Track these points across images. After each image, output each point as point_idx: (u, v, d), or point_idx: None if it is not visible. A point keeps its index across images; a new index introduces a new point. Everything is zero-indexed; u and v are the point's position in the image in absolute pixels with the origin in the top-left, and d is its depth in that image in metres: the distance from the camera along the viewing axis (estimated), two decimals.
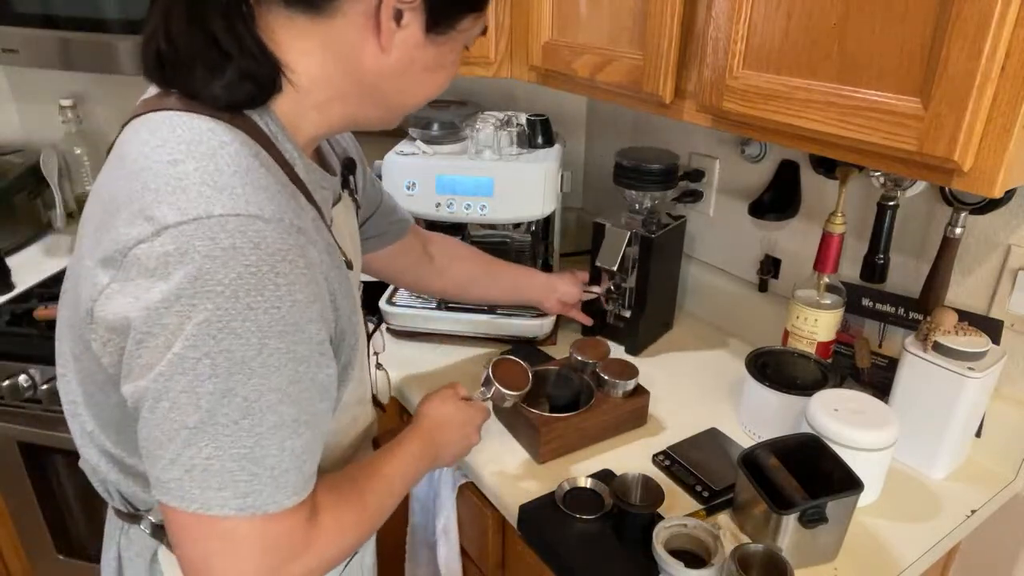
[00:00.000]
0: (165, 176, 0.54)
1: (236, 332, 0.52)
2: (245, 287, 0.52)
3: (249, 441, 0.55)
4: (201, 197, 0.53)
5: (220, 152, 0.56)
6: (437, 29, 0.64)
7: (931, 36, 0.65)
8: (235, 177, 0.55)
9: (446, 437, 0.87)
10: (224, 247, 0.52)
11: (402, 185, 1.24)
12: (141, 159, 0.56)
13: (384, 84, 0.65)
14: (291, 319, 0.55)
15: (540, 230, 1.41)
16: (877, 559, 0.89)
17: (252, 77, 0.59)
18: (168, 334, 0.52)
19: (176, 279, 0.52)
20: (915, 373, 0.98)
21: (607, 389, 1.08)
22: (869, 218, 1.07)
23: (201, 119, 0.58)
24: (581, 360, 1.12)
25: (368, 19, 0.60)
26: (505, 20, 1.21)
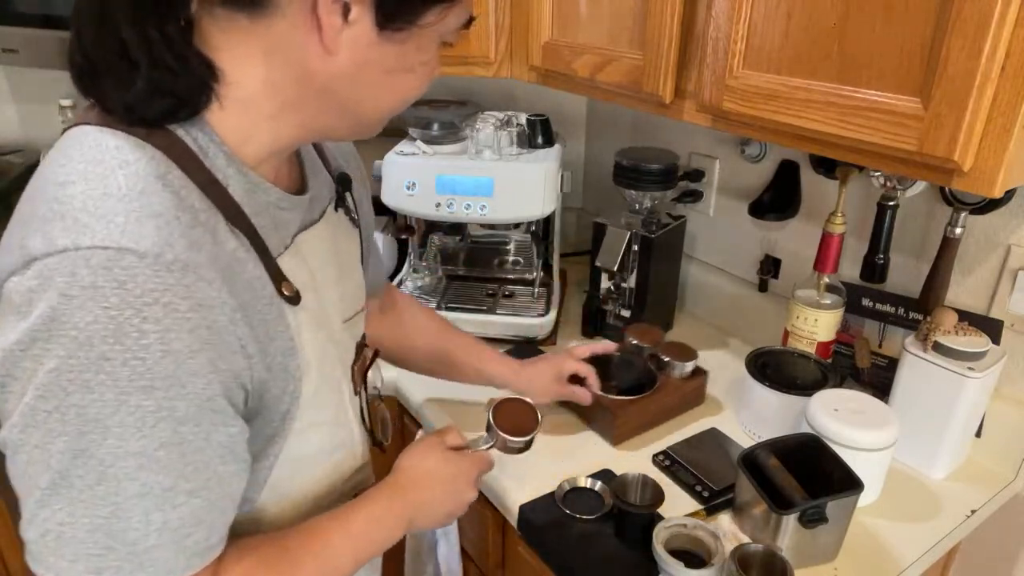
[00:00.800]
0: (50, 200, 0.49)
1: (88, 385, 0.46)
2: (101, 333, 0.46)
3: (104, 511, 0.49)
4: (75, 225, 0.47)
5: (116, 173, 0.50)
6: (392, 25, 0.56)
7: (931, 36, 0.65)
8: (121, 203, 0.49)
9: (424, 496, 0.76)
10: (83, 285, 0.46)
11: (402, 185, 1.24)
12: (40, 179, 0.52)
13: (338, 89, 0.58)
14: (161, 373, 0.48)
15: (540, 230, 1.41)
16: (877, 559, 0.89)
17: (168, 90, 0.53)
18: (24, 380, 0.47)
19: (32, 319, 0.46)
20: (915, 373, 0.98)
21: (668, 371, 1.14)
22: (869, 218, 1.07)
23: (112, 135, 0.52)
24: (637, 344, 1.17)
25: (309, 16, 0.53)
26: (505, 20, 1.21)
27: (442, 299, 1.40)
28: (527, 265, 1.47)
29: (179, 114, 0.54)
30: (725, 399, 1.20)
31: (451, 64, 1.25)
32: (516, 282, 1.46)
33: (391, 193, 1.25)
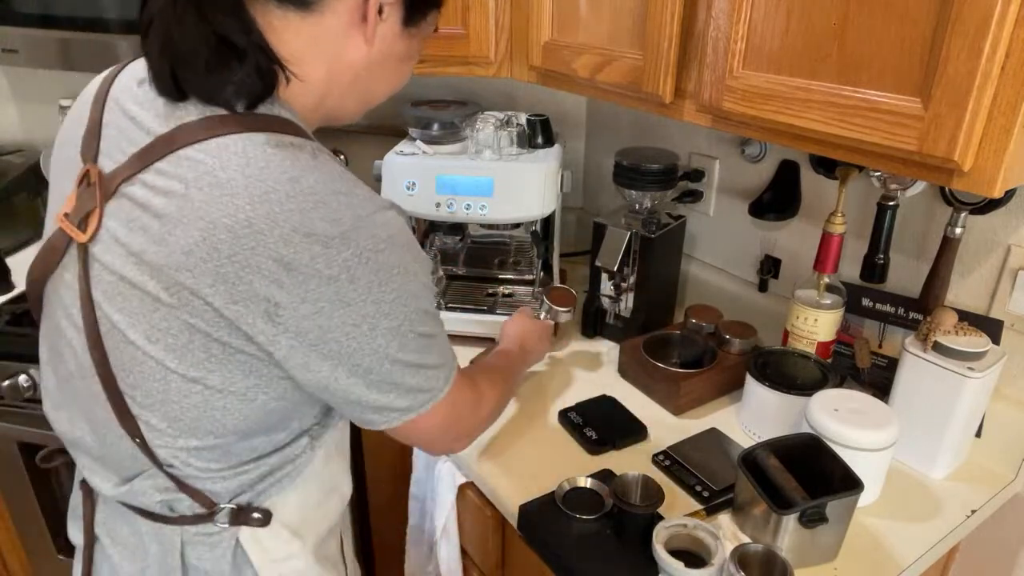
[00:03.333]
0: (295, 193, 0.59)
1: (415, 293, 0.64)
2: (410, 267, 0.64)
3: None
4: (341, 205, 0.60)
5: (316, 160, 0.62)
6: (412, 21, 0.70)
7: (931, 36, 0.65)
8: (344, 182, 0.62)
9: (530, 343, 1.09)
10: (383, 237, 0.61)
11: (402, 185, 1.24)
12: (255, 182, 0.59)
13: (365, 76, 0.70)
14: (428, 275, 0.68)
15: (540, 230, 1.41)
16: (877, 559, 0.89)
17: (261, 73, 0.62)
18: (372, 314, 0.62)
19: (362, 283, 0.60)
20: (915, 373, 0.98)
21: (728, 347, 1.21)
22: (869, 218, 1.07)
23: (272, 135, 0.61)
24: (697, 323, 1.25)
25: (355, 14, 0.65)
26: (505, 20, 1.21)
27: (442, 299, 1.40)
28: (527, 265, 1.47)
29: (264, 96, 0.63)
30: (726, 399, 1.20)
31: (451, 64, 1.25)
32: (516, 282, 1.46)
33: (391, 193, 1.25)
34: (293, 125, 0.64)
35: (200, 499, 0.71)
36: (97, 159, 0.66)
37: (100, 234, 0.64)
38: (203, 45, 0.60)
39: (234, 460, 0.70)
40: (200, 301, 0.60)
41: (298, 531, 0.77)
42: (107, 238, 0.63)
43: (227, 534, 0.73)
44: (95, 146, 0.66)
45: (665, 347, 1.24)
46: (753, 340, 1.21)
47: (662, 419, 1.14)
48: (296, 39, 0.64)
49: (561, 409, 1.14)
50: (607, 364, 1.29)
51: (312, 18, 0.64)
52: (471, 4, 1.18)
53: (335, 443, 0.79)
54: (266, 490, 0.73)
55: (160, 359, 0.63)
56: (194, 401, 0.65)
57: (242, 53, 0.61)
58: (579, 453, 1.06)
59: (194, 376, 0.63)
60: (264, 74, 0.62)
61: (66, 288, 0.68)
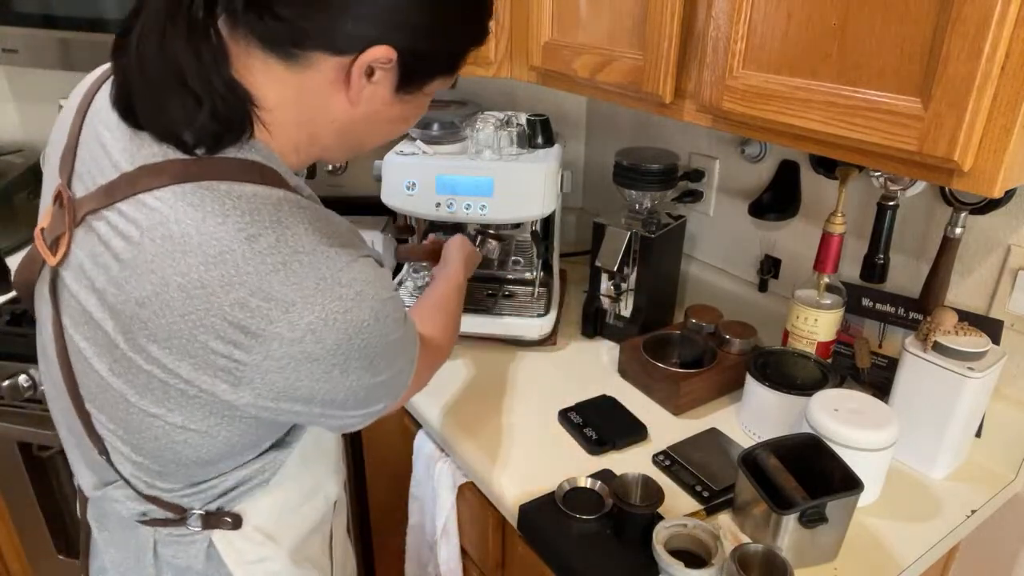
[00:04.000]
0: (252, 254, 0.56)
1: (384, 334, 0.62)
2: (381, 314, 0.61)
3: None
4: (303, 266, 0.57)
5: (280, 214, 0.59)
6: (407, 89, 0.66)
7: (931, 36, 0.65)
8: (312, 235, 0.59)
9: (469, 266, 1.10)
10: (351, 297, 0.58)
11: (402, 185, 1.24)
12: (209, 240, 0.56)
13: (350, 132, 0.68)
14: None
15: (540, 230, 1.40)
16: (877, 559, 0.89)
17: (220, 118, 0.59)
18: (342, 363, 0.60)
19: (330, 342, 0.58)
20: (915, 373, 0.98)
21: (728, 347, 1.20)
22: (869, 218, 1.07)
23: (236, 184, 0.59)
24: (697, 323, 1.24)
25: (340, 73, 0.61)
26: (505, 20, 1.21)
27: None
28: (527, 265, 1.47)
29: (227, 140, 0.60)
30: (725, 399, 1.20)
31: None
32: (516, 282, 1.45)
33: (391, 193, 1.25)
34: (267, 170, 0.61)
35: (170, 508, 0.71)
36: (71, 180, 0.64)
37: (69, 260, 0.63)
38: (161, 78, 0.57)
39: (197, 480, 0.70)
40: (155, 350, 0.59)
41: (272, 534, 0.76)
42: (75, 265, 0.62)
43: (200, 536, 0.73)
44: (71, 165, 0.65)
45: (665, 347, 1.24)
46: (753, 340, 1.21)
47: (662, 419, 1.14)
48: (278, 88, 0.62)
49: (561, 409, 1.14)
50: (607, 364, 1.29)
51: (296, 71, 0.61)
52: None
53: (314, 445, 0.78)
54: (236, 497, 0.73)
55: (122, 392, 0.63)
56: (156, 434, 0.64)
57: (197, 96, 0.57)
58: (579, 453, 1.06)
59: (155, 412, 0.63)
60: (225, 119, 0.59)
61: (43, 301, 0.68)
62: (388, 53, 0.60)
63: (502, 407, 1.16)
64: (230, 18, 0.59)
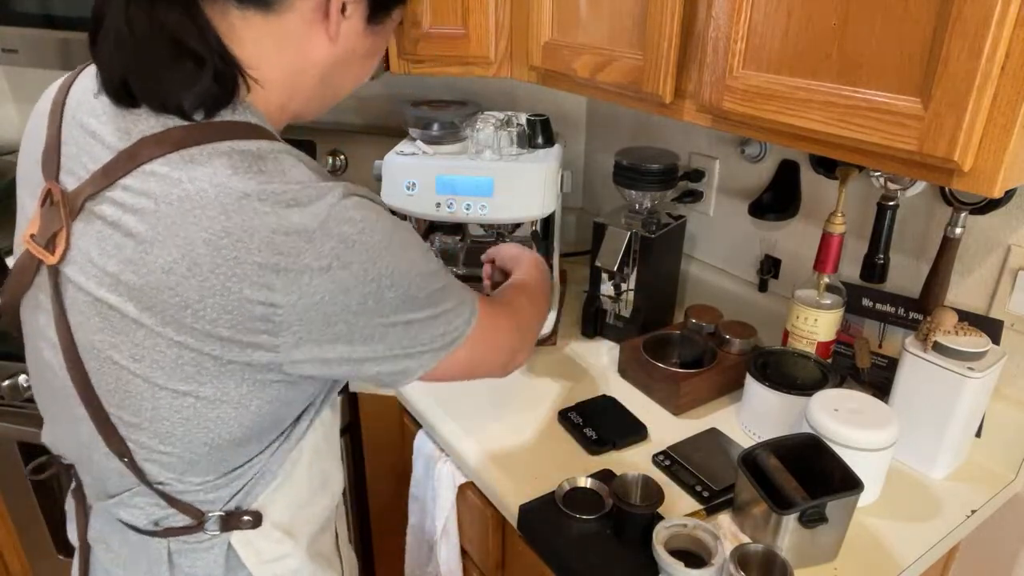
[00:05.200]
0: (267, 196, 0.58)
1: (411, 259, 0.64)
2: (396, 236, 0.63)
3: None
4: (313, 200, 0.59)
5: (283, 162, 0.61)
6: (376, 18, 0.70)
7: (931, 36, 0.65)
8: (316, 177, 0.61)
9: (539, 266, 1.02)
10: (359, 219, 0.60)
11: (402, 185, 1.23)
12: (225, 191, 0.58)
13: (330, 74, 0.70)
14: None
15: (540, 230, 1.40)
16: (877, 559, 0.89)
17: (220, 79, 0.61)
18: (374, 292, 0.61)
19: (356, 267, 0.60)
20: (915, 373, 0.98)
21: (728, 347, 1.20)
22: (869, 218, 1.07)
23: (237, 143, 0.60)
24: (697, 323, 1.25)
25: (317, 12, 0.65)
26: (505, 20, 1.21)
27: None
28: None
29: (223, 103, 0.62)
30: (725, 399, 1.20)
31: (451, 64, 1.25)
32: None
33: (391, 193, 1.25)
34: (258, 129, 0.63)
35: (189, 512, 0.70)
36: (59, 177, 0.64)
37: (71, 255, 0.62)
38: (156, 50, 0.58)
39: (228, 467, 0.69)
40: (188, 318, 0.59)
41: (290, 530, 0.77)
42: (80, 259, 0.62)
43: (218, 540, 0.73)
44: (56, 163, 0.64)
45: (665, 347, 1.24)
46: (753, 340, 1.21)
47: (662, 419, 1.14)
48: (258, 40, 0.63)
49: (561, 409, 1.14)
50: (607, 364, 1.29)
51: (274, 18, 0.63)
52: (471, 4, 1.18)
53: (324, 438, 0.79)
54: (254, 491, 0.72)
55: (148, 376, 0.62)
56: (186, 415, 0.63)
57: (200, 59, 0.59)
58: (579, 453, 1.06)
59: (185, 390, 0.62)
60: (223, 80, 0.61)
61: (41, 310, 0.66)
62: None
63: (502, 407, 1.16)
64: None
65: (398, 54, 1.26)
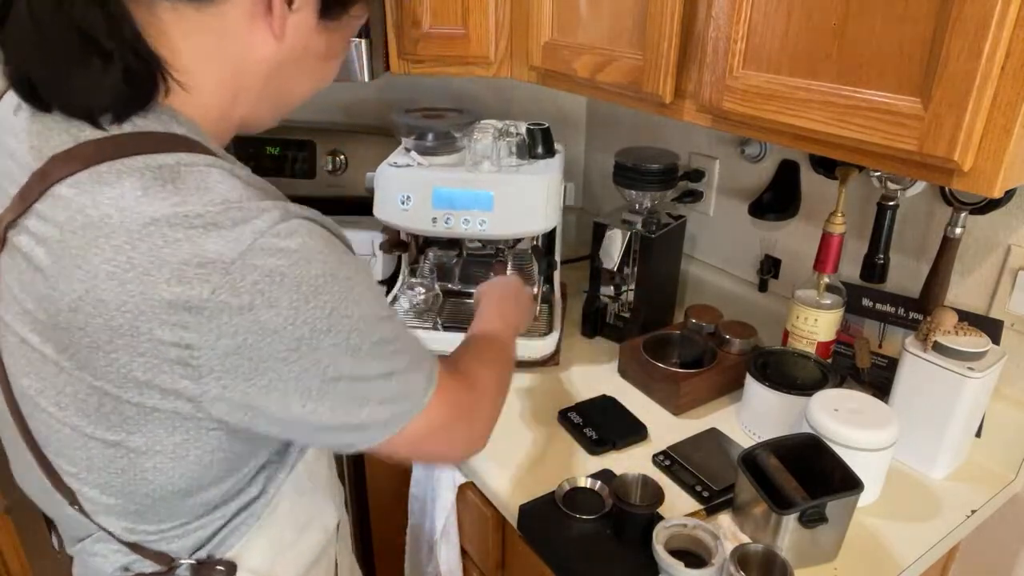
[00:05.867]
0: (179, 220, 0.50)
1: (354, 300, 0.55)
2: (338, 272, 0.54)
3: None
4: (237, 224, 0.50)
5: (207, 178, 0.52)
6: (330, 14, 0.61)
7: (931, 36, 0.65)
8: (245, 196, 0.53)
9: (512, 315, 0.94)
10: (295, 249, 0.52)
11: (396, 199, 1.16)
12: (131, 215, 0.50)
13: (279, 75, 0.62)
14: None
15: (542, 244, 1.34)
16: (877, 559, 0.89)
17: (132, 78, 0.52)
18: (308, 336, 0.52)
19: (284, 305, 0.51)
20: (915, 373, 0.98)
21: (728, 347, 1.21)
22: (869, 218, 1.07)
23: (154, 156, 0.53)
24: (697, 323, 1.25)
25: (259, 4, 0.56)
26: (505, 20, 1.21)
27: (437, 318, 1.32)
28: (526, 280, 1.42)
29: (135, 106, 0.54)
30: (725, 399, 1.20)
31: (451, 64, 1.25)
32: None
33: (384, 207, 1.18)
34: (183, 140, 0.55)
35: (157, 559, 0.64)
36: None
37: (1, 290, 0.56)
38: (62, 44, 0.50)
39: (184, 518, 0.63)
40: (101, 361, 0.52)
41: (272, 574, 0.70)
42: (7, 295, 0.55)
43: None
44: None
45: (665, 347, 1.24)
46: (753, 340, 1.21)
47: (662, 419, 1.14)
48: (191, 36, 0.55)
49: (561, 409, 1.14)
50: (607, 364, 1.29)
51: (210, 9, 0.55)
52: (471, 4, 1.18)
53: (307, 475, 0.71)
54: (227, 540, 0.66)
55: (75, 425, 0.56)
56: (121, 466, 0.57)
57: (107, 54, 0.51)
58: (579, 453, 1.06)
59: (114, 440, 0.56)
60: (136, 80, 0.53)
61: None
62: None
63: None
64: None
65: (398, 54, 1.26)
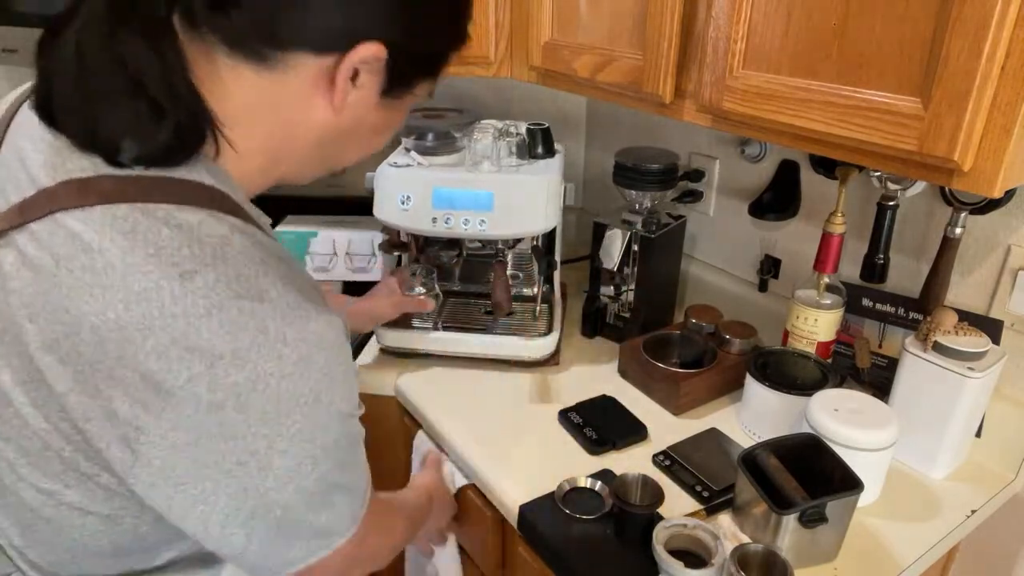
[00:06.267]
0: (183, 294, 0.47)
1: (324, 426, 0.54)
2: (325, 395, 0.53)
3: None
4: (243, 314, 0.48)
5: (227, 249, 0.50)
6: (393, 92, 0.60)
7: (931, 36, 0.65)
8: (261, 279, 0.50)
9: (437, 501, 1.01)
10: (294, 360, 0.50)
11: (396, 199, 1.16)
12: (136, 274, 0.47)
13: (328, 144, 0.61)
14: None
15: (543, 245, 1.33)
16: (877, 559, 0.89)
17: (182, 134, 0.51)
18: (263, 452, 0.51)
19: (254, 415, 0.49)
20: (915, 373, 0.98)
21: (728, 347, 1.20)
22: (869, 218, 1.07)
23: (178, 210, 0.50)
24: (697, 323, 1.25)
25: (321, 77, 0.55)
26: (505, 20, 1.21)
27: (437, 318, 1.32)
28: (527, 281, 1.42)
29: (176, 160, 0.52)
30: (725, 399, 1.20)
31: (451, 64, 1.24)
32: (516, 299, 1.37)
33: (384, 207, 1.18)
34: (218, 195, 0.52)
35: None
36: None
37: None
38: (105, 83, 0.48)
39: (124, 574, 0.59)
40: (54, 408, 0.50)
41: None
42: None
43: None
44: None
45: (665, 347, 1.24)
46: (753, 340, 1.21)
47: (662, 419, 1.14)
48: (245, 97, 0.54)
49: (561, 409, 1.14)
50: (607, 364, 1.29)
51: (270, 76, 0.53)
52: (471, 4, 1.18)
53: None
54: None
55: (11, 460, 0.53)
56: (47, 514, 0.54)
57: (158, 107, 0.49)
58: (579, 453, 1.06)
59: (48, 489, 0.53)
60: (184, 135, 0.51)
61: None
62: (379, 51, 0.54)
63: (502, 407, 1.16)
64: (186, 17, 0.51)
65: None
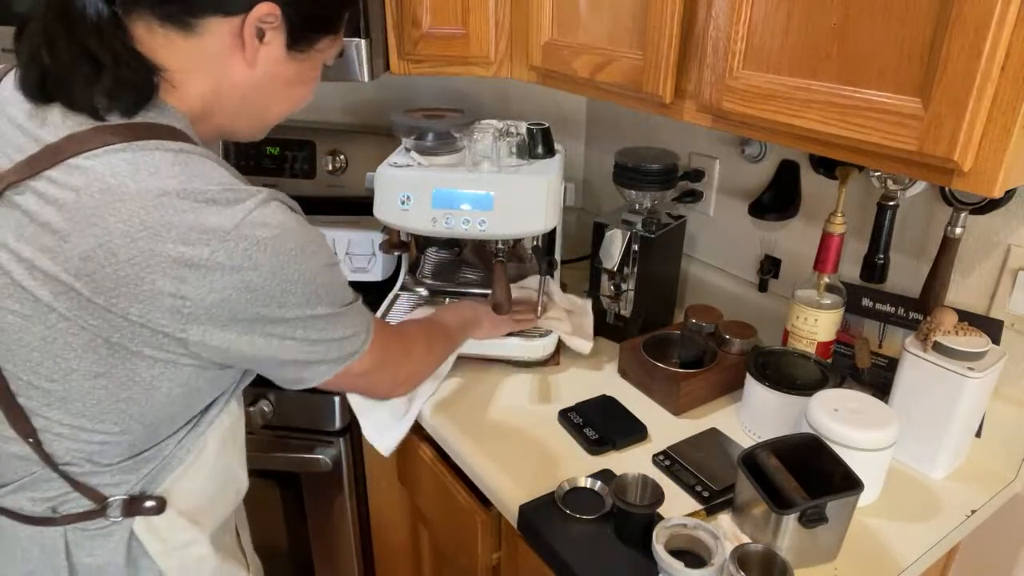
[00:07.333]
0: (187, 195, 0.62)
1: (316, 270, 0.69)
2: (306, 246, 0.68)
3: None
4: (231, 202, 0.63)
5: (205, 163, 0.66)
6: (297, 47, 0.73)
7: (931, 36, 0.65)
8: (233, 179, 0.66)
9: (469, 317, 1.18)
10: (275, 225, 0.65)
11: (396, 199, 1.17)
12: (146, 187, 0.62)
13: (253, 97, 0.74)
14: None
15: (543, 245, 1.34)
16: (877, 559, 0.89)
17: (127, 83, 0.64)
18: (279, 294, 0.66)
19: (265, 268, 0.64)
20: (915, 373, 0.98)
21: (728, 347, 1.20)
22: (869, 218, 1.07)
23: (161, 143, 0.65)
24: (697, 323, 1.25)
25: (234, 37, 0.68)
26: (505, 20, 1.21)
27: None
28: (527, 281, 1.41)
29: (138, 104, 0.66)
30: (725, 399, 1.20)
31: (451, 64, 1.25)
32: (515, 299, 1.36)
33: (384, 207, 1.18)
34: (180, 133, 0.67)
35: (91, 495, 0.71)
36: None
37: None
38: (73, 65, 0.63)
39: (136, 449, 0.71)
40: (101, 305, 0.62)
41: (195, 518, 0.78)
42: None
43: (120, 527, 0.73)
44: None
45: (665, 347, 1.24)
46: (753, 340, 1.21)
47: (662, 419, 1.14)
48: (180, 57, 0.67)
49: (561, 409, 1.14)
50: (607, 364, 1.29)
51: (194, 39, 0.67)
52: (471, 4, 1.18)
53: (230, 431, 0.81)
54: (160, 476, 0.74)
55: (59, 357, 0.64)
56: (98, 396, 0.66)
57: (97, 63, 0.63)
58: (579, 453, 1.06)
59: (97, 372, 0.65)
60: (129, 84, 0.64)
61: None
62: (272, 9, 0.67)
63: (502, 407, 1.16)
64: (127, 3, 0.64)
65: (398, 54, 1.26)
